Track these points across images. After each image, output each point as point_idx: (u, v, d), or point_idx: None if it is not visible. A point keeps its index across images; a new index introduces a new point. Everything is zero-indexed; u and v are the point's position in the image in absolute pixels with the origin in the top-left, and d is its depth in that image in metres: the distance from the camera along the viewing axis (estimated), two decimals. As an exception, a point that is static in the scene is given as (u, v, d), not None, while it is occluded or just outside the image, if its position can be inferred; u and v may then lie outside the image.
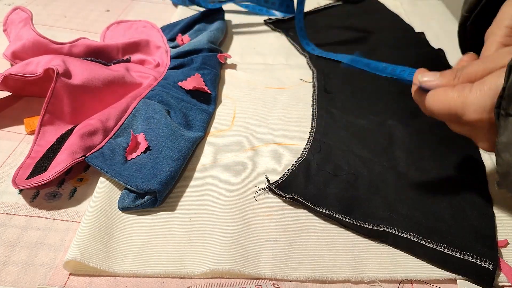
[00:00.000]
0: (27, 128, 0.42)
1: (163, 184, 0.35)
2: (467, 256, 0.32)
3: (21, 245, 0.32)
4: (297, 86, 0.52)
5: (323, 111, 0.47)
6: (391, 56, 0.55)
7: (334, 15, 0.69)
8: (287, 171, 0.39)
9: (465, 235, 0.34)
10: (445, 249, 0.32)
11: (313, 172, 0.39)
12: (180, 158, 0.38)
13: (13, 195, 0.36)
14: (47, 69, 0.41)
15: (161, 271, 0.31)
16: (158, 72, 0.49)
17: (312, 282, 0.31)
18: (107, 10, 0.66)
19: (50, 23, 0.62)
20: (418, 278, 0.32)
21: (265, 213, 0.36)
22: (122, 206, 0.35)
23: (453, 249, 0.32)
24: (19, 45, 0.47)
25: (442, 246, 0.32)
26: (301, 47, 0.59)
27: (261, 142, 0.43)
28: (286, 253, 0.33)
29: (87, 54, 0.49)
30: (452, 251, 0.32)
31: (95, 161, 0.36)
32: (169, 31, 0.58)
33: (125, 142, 0.39)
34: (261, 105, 0.48)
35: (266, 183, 0.38)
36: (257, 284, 0.30)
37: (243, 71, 0.54)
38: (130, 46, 0.52)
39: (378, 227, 0.34)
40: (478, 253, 0.32)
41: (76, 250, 0.30)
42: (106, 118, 0.40)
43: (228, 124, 0.45)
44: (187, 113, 0.44)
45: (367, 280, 0.32)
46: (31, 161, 0.37)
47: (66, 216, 0.35)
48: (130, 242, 0.33)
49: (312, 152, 0.41)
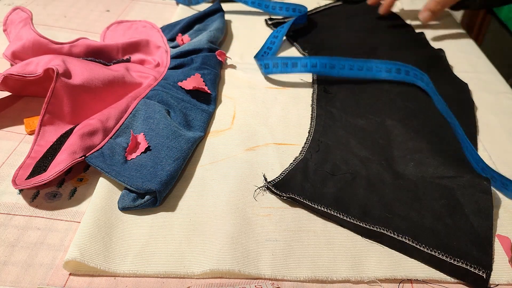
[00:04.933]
0: (27, 128, 0.42)
1: (163, 184, 0.35)
2: (461, 263, 0.32)
3: (21, 245, 0.32)
4: (297, 86, 0.52)
5: (322, 111, 0.47)
6: (391, 56, 0.55)
7: (334, 15, 0.69)
8: (284, 170, 0.39)
9: (461, 236, 0.34)
10: (440, 254, 0.32)
11: (311, 171, 0.39)
12: (180, 158, 0.38)
13: (13, 195, 0.36)
14: (47, 69, 0.41)
15: (161, 271, 0.31)
16: (158, 72, 0.49)
17: (311, 282, 0.31)
18: (107, 10, 0.66)
19: (50, 23, 0.62)
20: (418, 278, 0.32)
21: (265, 213, 0.36)
22: (122, 206, 0.35)
23: (447, 255, 0.32)
24: (19, 45, 0.47)
25: (437, 252, 0.32)
26: (301, 48, 0.59)
27: (261, 142, 0.43)
28: (286, 253, 0.33)
29: (87, 54, 0.49)
30: (447, 257, 0.32)
31: (95, 161, 0.36)
32: (169, 31, 0.58)
33: (125, 142, 0.39)
34: (261, 105, 0.48)
35: (264, 181, 0.38)
36: (257, 284, 0.30)
37: (243, 71, 0.54)
38: (130, 46, 0.52)
39: (374, 227, 0.34)
40: (473, 258, 0.32)
41: (76, 250, 0.30)
42: (106, 118, 0.40)
43: (228, 124, 0.45)
44: (187, 113, 0.44)
45: (367, 280, 0.32)
46: (31, 161, 0.37)
47: (66, 216, 0.35)
48: (130, 242, 0.33)
49: (311, 151, 0.41)
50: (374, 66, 0.51)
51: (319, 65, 0.51)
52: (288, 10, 0.65)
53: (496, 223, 0.37)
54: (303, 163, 0.40)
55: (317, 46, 0.59)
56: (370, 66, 0.51)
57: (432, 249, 0.32)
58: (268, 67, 0.52)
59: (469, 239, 0.34)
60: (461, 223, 0.35)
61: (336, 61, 0.51)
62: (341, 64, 0.51)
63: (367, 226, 0.34)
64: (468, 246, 0.33)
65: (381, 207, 0.36)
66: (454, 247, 0.33)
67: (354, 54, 0.58)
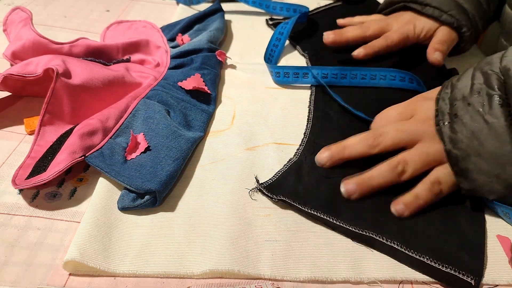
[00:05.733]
0: (27, 128, 0.42)
1: (163, 184, 0.35)
2: (450, 269, 0.31)
3: (21, 245, 0.32)
4: (297, 87, 0.52)
5: (320, 112, 0.47)
6: (391, 56, 0.55)
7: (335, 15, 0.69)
8: (277, 172, 0.39)
9: (453, 242, 0.34)
10: (428, 260, 0.32)
11: (305, 173, 0.39)
12: (179, 158, 0.38)
13: (13, 195, 0.36)
14: (47, 69, 0.41)
15: (160, 271, 0.31)
16: (158, 72, 0.49)
17: (311, 282, 0.31)
18: (107, 10, 0.66)
19: (50, 23, 0.62)
20: (418, 278, 0.32)
21: (265, 213, 0.36)
22: (122, 206, 0.35)
23: (436, 261, 0.32)
24: (19, 45, 0.47)
25: (425, 258, 0.32)
26: (301, 48, 0.59)
27: (260, 142, 0.43)
28: (286, 253, 0.33)
29: (87, 54, 0.49)
30: (435, 262, 0.32)
31: (94, 161, 0.36)
32: (169, 31, 0.58)
33: (125, 142, 0.39)
34: (261, 105, 0.48)
35: (256, 183, 0.38)
36: (257, 284, 0.30)
37: (243, 71, 0.54)
38: (130, 46, 0.52)
39: (365, 232, 0.34)
40: (463, 264, 0.32)
41: (76, 250, 0.30)
42: (106, 118, 0.40)
43: (228, 124, 0.45)
44: (187, 113, 0.44)
45: (367, 281, 0.32)
46: (31, 161, 0.37)
47: (66, 216, 0.35)
48: (129, 242, 0.33)
49: (305, 153, 0.41)
50: (388, 75, 0.51)
51: (330, 75, 0.51)
52: (289, 10, 0.65)
53: (496, 223, 0.37)
54: (297, 165, 0.40)
55: (317, 47, 0.59)
56: (384, 74, 0.51)
57: (421, 255, 0.32)
58: (279, 76, 0.52)
59: (460, 244, 0.34)
60: (453, 228, 0.35)
61: (348, 71, 0.51)
62: (353, 73, 0.51)
63: (357, 230, 0.34)
64: (459, 251, 0.33)
65: (374, 210, 0.36)
66: (444, 250, 0.33)
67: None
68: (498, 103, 0.33)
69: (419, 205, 0.35)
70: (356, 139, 0.38)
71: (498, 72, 0.35)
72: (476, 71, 0.37)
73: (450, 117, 0.36)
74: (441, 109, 0.37)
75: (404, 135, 0.37)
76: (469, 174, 0.34)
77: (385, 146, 0.37)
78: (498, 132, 0.33)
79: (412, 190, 0.36)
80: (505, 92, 0.34)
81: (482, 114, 0.34)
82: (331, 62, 0.55)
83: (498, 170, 0.33)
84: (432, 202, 0.36)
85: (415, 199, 0.35)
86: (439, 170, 0.36)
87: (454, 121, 0.35)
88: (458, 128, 0.35)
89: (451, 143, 0.35)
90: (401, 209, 0.35)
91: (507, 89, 0.34)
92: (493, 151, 0.33)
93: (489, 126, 0.33)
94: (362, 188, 0.36)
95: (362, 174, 0.36)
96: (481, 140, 0.33)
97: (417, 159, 0.36)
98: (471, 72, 0.37)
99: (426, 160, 0.36)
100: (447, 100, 0.37)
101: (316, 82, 0.51)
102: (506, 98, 0.33)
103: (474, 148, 0.34)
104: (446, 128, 0.35)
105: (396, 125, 0.38)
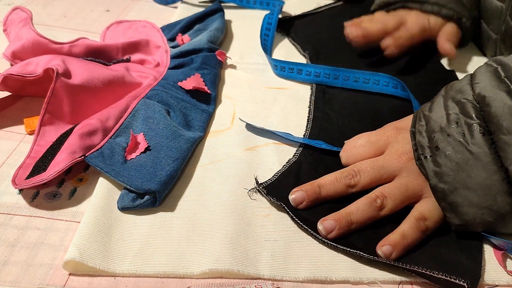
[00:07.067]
0: (27, 128, 0.42)
1: (163, 184, 0.35)
2: (445, 276, 0.31)
3: (21, 245, 0.32)
4: (297, 86, 0.52)
5: (319, 113, 0.47)
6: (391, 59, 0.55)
7: (335, 15, 0.69)
8: (277, 172, 0.39)
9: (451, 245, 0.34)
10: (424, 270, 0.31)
11: (304, 174, 0.39)
12: (179, 158, 0.38)
13: (13, 195, 0.36)
14: (47, 69, 0.41)
15: (160, 271, 0.31)
16: (158, 72, 0.49)
17: (311, 282, 0.31)
18: (107, 10, 0.66)
19: (50, 23, 0.62)
20: (418, 279, 0.32)
21: (265, 213, 0.36)
22: (122, 206, 0.35)
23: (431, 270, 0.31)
24: (19, 45, 0.47)
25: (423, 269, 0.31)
26: (302, 49, 0.59)
27: (260, 142, 0.43)
28: (285, 253, 0.33)
29: (87, 54, 0.49)
30: (431, 271, 0.31)
31: (94, 161, 0.36)
32: (169, 31, 0.58)
33: (125, 142, 0.39)
34: (261, 105, 0.48)
35: (255, 184, 0.38)
36: (257, 284, 0.30)
37: (243, 71, 0.54)
38: (130, 46, 0.52)
39: (357, 252, 0.32)
40: (460, 268, 0.32)
41: (76, 250, 0.30)
42: (105, 118, 0.40)
43: (227, 124, 0.45)
44: (187, 113, 0.44)
45: (366, 281, 0.32)
46: (31, 161, 0.37)
47: (66, 216, 0.35)
48: (129, 242, 0.33)
49: (305, 153, 0.41)
50: (381, 80, 0.50)
51: (322, 74, 0.51)
52: (262, 4, 0.68)
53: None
54: (297, 166, 0.40)
55: (317, 47, 0.59)
56: (378, 79, 0.50)
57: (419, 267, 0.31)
58: (277, 68, 0.53)
59: (458, 247, 0.33)
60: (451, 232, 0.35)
61: (341, 72, 0.51)
62: (345, 75, 0.51)
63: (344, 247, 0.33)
64: (458, 253, 0.33)
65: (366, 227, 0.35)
66: (442, 255, 0.33)
67: (355, 54, 0.58)
68: (479, 131, 0.32)
69: (407, 245, 0.33)
70: (332, 177, 0.36)
71: (473, 100, 0.34)
72: (447, 101, 0.35)
73: (431, 151, 0.34)
74: (419, 143, 0.35)
75: (382, 172, 0.36)
76: (459, 208, 0.33)
77: (363, 186, 0.36)
78: (484, 162, 0.32)
79: (397, 229, 0.33)
80: (484, 120, 0.32)
81: (465, 144, 0.32)
82: (332, 63, 0.55)
83: (489, 201, 0.32)
84: (420, 240, 0.33)
85: (402, 239, 0.33)
86: (422, 205, 0.35)
87: (436, 154, 0.34)
88: (441, 161, 0.33)
89: (436, 177, 0.33)
90: (388, 250, 0.32)
91: (485, 117, 0.32)
92: (481, 182, 0.32)
93: (474, 156, 0.32)
94: (341, 224, 0.33)
95: (341, 210, 0.34)
96: (468, 172, 0.32)
97: (397, 192, 0.35)
98: (441, 102, 0.36)
99: (406, 194, 0.35)
100: (424, 133, 0.35)
101: (309, 79, 0.52)
102: (487, 126, 0.32)
103: (462, 180, 0.32)
104: (429, 162, 0.34)
105: (371, 162, 0.37)
